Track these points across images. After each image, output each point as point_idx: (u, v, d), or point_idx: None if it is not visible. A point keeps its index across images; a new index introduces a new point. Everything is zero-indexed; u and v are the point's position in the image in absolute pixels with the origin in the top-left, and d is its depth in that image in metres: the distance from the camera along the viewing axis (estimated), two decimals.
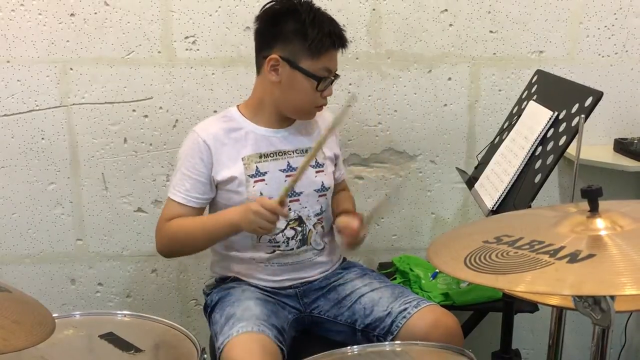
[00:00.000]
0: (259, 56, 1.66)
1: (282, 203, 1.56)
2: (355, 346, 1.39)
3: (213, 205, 1.72)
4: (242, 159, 1.65)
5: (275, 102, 1.67)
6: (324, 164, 1.75)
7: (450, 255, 1.08)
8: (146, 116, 2.09)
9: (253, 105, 1.71)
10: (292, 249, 1.71)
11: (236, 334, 1.48)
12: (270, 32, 1.63)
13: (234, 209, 1.63)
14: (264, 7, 1.66)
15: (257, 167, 1.66)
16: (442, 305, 1.80)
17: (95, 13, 2.00)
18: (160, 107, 2.09)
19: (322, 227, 1.76)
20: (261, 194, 1.65)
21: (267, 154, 1.67)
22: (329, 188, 1.76)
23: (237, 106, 1.74)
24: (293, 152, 1.71)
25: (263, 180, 1.66)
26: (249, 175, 1.65)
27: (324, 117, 1.79)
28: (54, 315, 1.15)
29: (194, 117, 2.09)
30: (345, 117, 1.68)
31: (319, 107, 1.69)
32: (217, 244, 1.74)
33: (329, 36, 1.60)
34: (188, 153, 1.66)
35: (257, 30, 1.67)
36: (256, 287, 1.71)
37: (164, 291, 2.26)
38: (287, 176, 1.67)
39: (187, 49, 2.05)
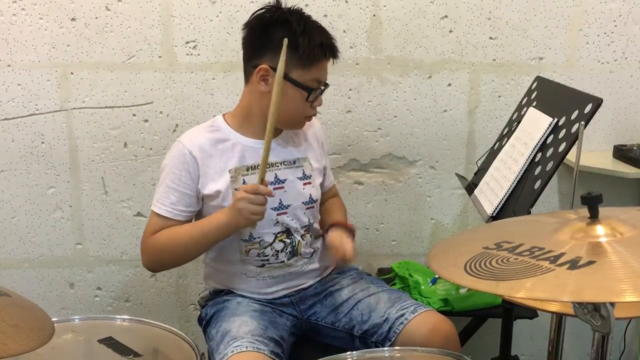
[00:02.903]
0: (247, 65, 1.63)
1: (262, 181, 1.51)
2: (354, 352, 1.39)
3: (198, 218, 1.67)
4: (229, 171, 1.62)
5: (263, 112, 1.59)
6: (311, 176, 1.72)
7: (450, 261, 1.08)
8: (146, 121, 2.10)
9: (240, 115, 1.67)
10: (283, 261, 1.68)
11: (231, 354, 1.45)
12: (259, 41, 1.59)
13: (218, 213, 1.58)
14: (252, 15, 1.63)
15: (244, 180, 1.62)
16: (442, 311, 1.80)
17: (96, 18, 2.01)
18: (161, 112, 2.09)
19: (310, 235, 1.73)
20: None
21: (255, 166, 1.63)
22: (317, 200, 1.74)
23: (223, 115, 1.70)
24: (280, 164, 1.67)
25: None
26: (235, 189, 1.61)
27: (313, 127, 1.77)
28: (53, 319, 1.15)
29: (194, 122, 2.09)
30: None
31: (309, 118, 1.67)
32: (208, 258, 1.73)
33: (320, 47, 1.56)
34: (173, 165, 1.61)
35: (245, 39, 1.64)
36: (251, 298, 1.69)
37: (163, 296, 2.26)
38: (274, 189, 1.63)
39: (187, 54, 2.06)
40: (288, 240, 1.68)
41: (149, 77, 2.06)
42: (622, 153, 2.12)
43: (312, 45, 1.54)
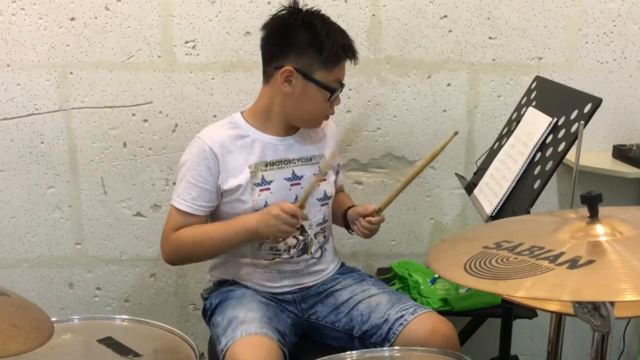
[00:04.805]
0: (269, 66, 1.64)
1: (302, 207, 1.56)
2: (354, 351, 1.39)
3: (215, 212, 1.69)
4: (249, 166, 1.64)
5: (284, 112, 1.65)
6: (327, 173, 1.75)
7: (450, 260, 1.08)
8: (146, 120, 2.09)
9: (259, 114, 1.68)
10: (292, 257, 1.70)
11: (240, 337, 1.47)
12: (282, 42, 1.60)
13: (250, 216, 1.61)
14: (273, 16, 1.64)
15: (263, 175, 1.65)
16: (441, 311, 1.80)
17: (96, 17, 2.00)
18: (160, 112, 2.09)
19: (324, 236, 1.76)
20: (266, 202, 1.63)
21: (273, 162, 1.66)
22: (331, 197, 1.76)
23: (242, 113, 1.71)
24: (298, 161, 1.70)
25: (269, 189, 1.65)
26: (254, 184, 1.64)
27: (328, 125, 1.80)
28: (52, 319, 1.15)
29: (193, 122, 2.09)
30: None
31: (327, 117, 1.70)
32: None
33: (343, 48, 1.60)
34: (194, 160, 1.63)
35: (266, 40, 1.65)
36: (255, 290, 1.71)
37: (163, 296, 2.26)
38: (292, 185, 1.67)
39: (187, 54, 2.05)
40: (301, 237, 1.70)
41: (149, 77, 2.06)
42: (621, 153, 2.12)
43: (336, 47, 1.58)
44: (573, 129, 1.45)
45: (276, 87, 1.62)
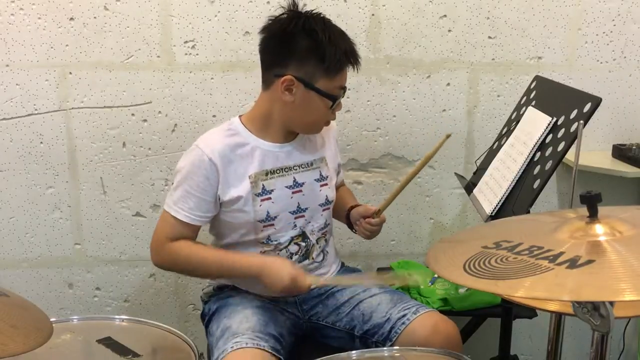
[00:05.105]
0: (268, 73, 1.59)
1: (309, 287, 1.58)
2: (353, 351, 1.39)
3: (215, 221, 1.66)
4: (249, 177, 1.60)
5: (284, 120, 1.61)
6: (328, 177, 1.72)
7: (449, 260, 1.08)
8: (145, 120, 2.09)
9: (258, 120, 1.64)
10: (294, 263, 1.68)
11: (231, 350, 1.46)
12: (283, 49, 1.55)
13: (258, 261, 1.59)
14: (273, 19, 1.59)
15: (263, 185, 1.61)
16: (441, 311, 1.80)
17: (95, 17, 2.00)
18: (159, 112, 2.09)
19: (325, 240, 1.74)
20: (268, 212, 1.61)
21: (274, 171, 1.63)
22: (332, 201, 1.74)
23: (240, 117, 1.67)
24: (298, 167, 1.67)
25: (270, 198, 1.62)
26: (255, 194, 1.60)
27: (328, 127, 1.76)
28: (51, 319, 1.15)
29: (192, 122, 2.09)
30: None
31: (328, 123, 1.67)
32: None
33: (345, 55, 1.56)
34: (191, 170, 1.58)
35: (266, 45, 1.60)
36: (254, 295, 1.69)
37: (162, 296, 2.26)
38: (293, 192, 1.65)
39: (186, 54, 2.05)
40: (303, 244, 1.69)
41: (148, 77, 2.06)
42: (621, 152, 2.12)
43: (339, 55, 1.54)
44: (573, 128, 1.45)
45: (276, 95, 1.57)
